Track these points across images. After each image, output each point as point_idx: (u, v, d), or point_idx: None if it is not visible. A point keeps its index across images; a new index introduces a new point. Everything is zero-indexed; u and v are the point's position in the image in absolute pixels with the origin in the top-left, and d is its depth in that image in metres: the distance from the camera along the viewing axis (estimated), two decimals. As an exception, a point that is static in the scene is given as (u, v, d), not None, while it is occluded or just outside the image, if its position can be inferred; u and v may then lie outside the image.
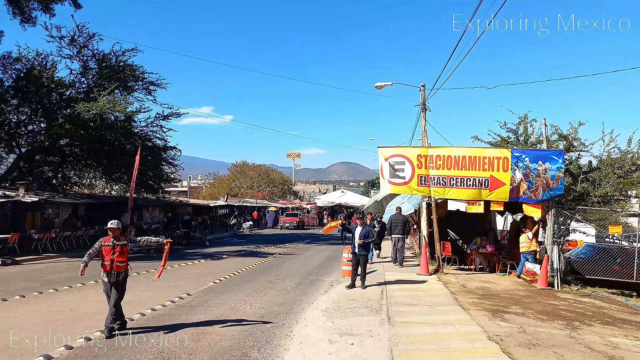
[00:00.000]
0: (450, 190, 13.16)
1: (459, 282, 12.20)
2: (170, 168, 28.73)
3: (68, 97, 22.40)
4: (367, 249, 11.25)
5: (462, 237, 17.85)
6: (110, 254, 6.92)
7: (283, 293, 10.85)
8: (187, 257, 18.11)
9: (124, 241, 7.14)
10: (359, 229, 11.15)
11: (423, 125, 14.70)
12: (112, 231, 7.03)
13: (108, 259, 6.93)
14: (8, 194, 17.82)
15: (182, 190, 75.69)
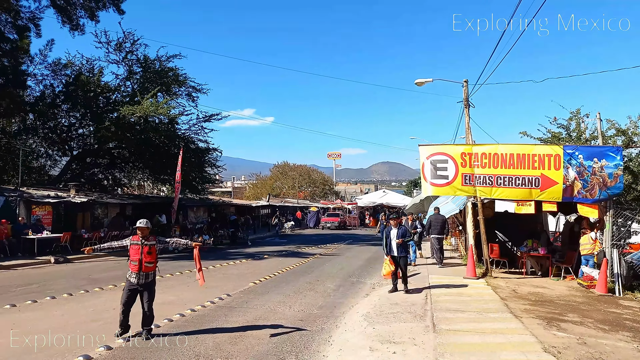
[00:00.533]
0: (497, 190, 12.52)
1: (509, 286, 11.55)
2: (212, 169, 29.26)
3: (114, 100, 23.19)
4: (406, 250, 10.83)
5: (512, 239, 17.02)
6: (138, 253, 6.72)
7: (323, 295, 10.61)
8: (229, 256, 18.24)
9: (152, 241, 6.90)
10: (394, 231, 10.68)
11: (466, 122, 14.07)
12: (141, 230, 6.82)
13: (136, 258, 6.72)
14: (60, 195, 18.56)
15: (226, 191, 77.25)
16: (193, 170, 27.14)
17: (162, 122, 24.24)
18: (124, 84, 24.26)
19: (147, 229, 6.89)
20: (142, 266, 6.74)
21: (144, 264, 6.74)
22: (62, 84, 22.85)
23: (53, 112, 22.27)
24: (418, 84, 17.28)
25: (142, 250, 6.75)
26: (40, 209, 17.88)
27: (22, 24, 23.08)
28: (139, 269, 6.72)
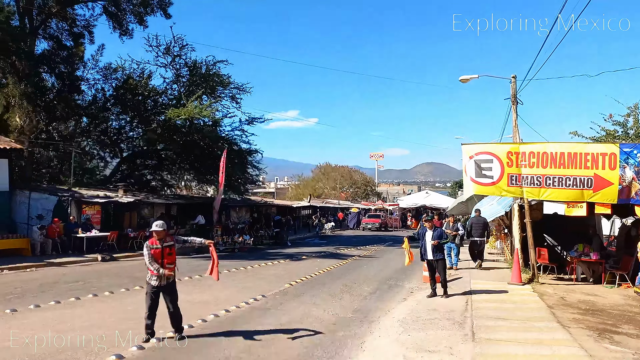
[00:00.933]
0: (546, 191, 11.83)
1: (556, 294, 10.89)
2: (254, 170, 29.62)
3: (161, 103, 23.89)
4: (442, 252, 10.39)
5: (561, 243, 16.09)
6: (160, 257, 6.63)
7: (359, 299, 10.39)
8: (268, 257, 18.33)
9: (170, 242, 6.82)
10: (429, 233, 10.26)
11: (514, 119, 13.42)
12: (157, 234, 6.69)
13: (158, 262, 6.64)
14: (109, 195, 19.30)
15: (269, 192, 78.27)
16: (235, 172, 27.54)
17: (206, 125, 24.76)
18: (170, 87, 25.01)
19: (164, 231, 6.78)
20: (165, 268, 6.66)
21: (166, 266, 6.65)
22: (112, 87, 23.85)
23: (104, 116, 23.26)
24: (463, 81, 16.71)
25: (162, 252, 6.66)
26: (90, 208, 18.65)
27: (78, 32, 24.29)
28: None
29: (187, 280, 12.29)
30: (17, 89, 19.72)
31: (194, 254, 18.64)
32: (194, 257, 17.78)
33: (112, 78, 23.64)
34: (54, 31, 23.76)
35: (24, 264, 14.25)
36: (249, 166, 28.69)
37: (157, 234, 6.71)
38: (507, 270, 14.56)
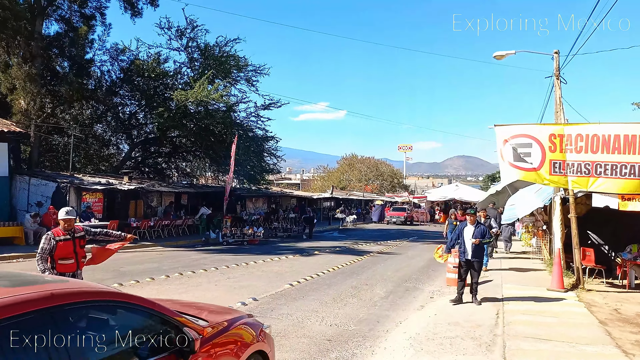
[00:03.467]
0: (596, 181, 9.90)
1: (608, 304, 8.99)
2: (272, 159, 28.24)
3: (170, 87, 22.70)
4: (482, 253, 8.78)
5: (609, 243, 14.00)
6: (71, 249, 5.56)
7: (367, 305, 8.79)
8: (277, 251, 16.91)
9: (81, 232, 5.78)
10: (469, 228, 8.78)
11: (558, 97, 11.43)
12: (68, 222, 5.58)
13: (70, 255, 5.57)
14: (111, 182, 18.24)
15: (295, 183, 77.22)
16: (251, 160, 26.24)
17: (219, 110, 23.50)
18: (180, 72, 23.74)
19: (73, 219, 5.70)
20: (80, 263, 5.70)
21: (81, 260, 5.70)
22: (120, 69, 22.79)
23: (111, 99, 22.23)
24: (497, 58, 14.73)
25: (75, 244, 5.61)
26: (91, 196, 17.66)
27: (89, 13, 23.31)
28: (77, 267, 5.66)
29: (177, 277, 10.96)
30: (21, 71, 18.83)
31: (199, 247, 17.45)
32: (198, 250, 16.53)
33: (120, 60, 22.58)
34: (64, 12, 22.89)
35: (12, 254, 13.29)
36: (266, 154, 27.32)
37: (67, 222, 5.57)
38: (545, 273, 12.68)
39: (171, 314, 3.21)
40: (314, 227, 23.07)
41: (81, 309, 2.75)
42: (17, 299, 2.38)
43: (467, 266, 8.83)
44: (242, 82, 25.90)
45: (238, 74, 25.06)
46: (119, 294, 3.03)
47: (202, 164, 30.11)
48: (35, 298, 2.45)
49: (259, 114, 25.73)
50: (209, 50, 24.11)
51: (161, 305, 3.22)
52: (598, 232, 14.09)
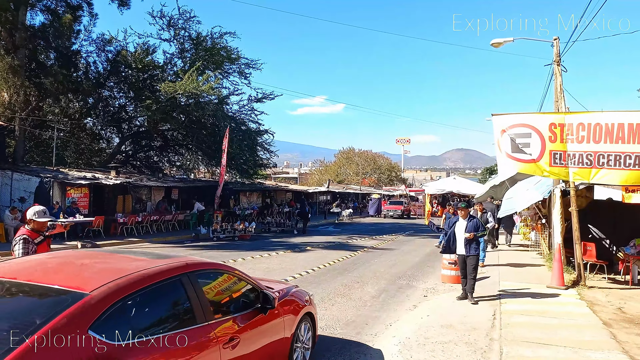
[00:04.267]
0: (598, 172, 9.39)
1: (611, 302, 8.51)
2: (265, 153, 27.68)
3: (159, 78, 22.05)
4: (477, 247, 8.33)
5: (610, 237, 13.52)
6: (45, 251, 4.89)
7: (357, 305, 8.28)
8: (269, 247, 16.40)
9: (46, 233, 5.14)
10: (461, 223, 8.39)
11: (559, 84, 10.89)
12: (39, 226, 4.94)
13: None
14: (97, 176, 17.69)
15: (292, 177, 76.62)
16: (244, 154, 25.69)
17: (210, 102, 22.91)
18: (171, 62, 23.02)
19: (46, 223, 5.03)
20: None
21: None
22: (106, 60, 22.06)
23: (98, 92, 21.57)
24: (495, 45, 14.16)
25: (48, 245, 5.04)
26: (76, 191, 17.10)
27: (76, 3, 22.60)
28: None
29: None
30: (2, 62, 18.19)
31: (188, 243, 16.93)
32: (186, 246, 16.02)
33: (106, 50, 21.86)
34: (50, 2, 22.18)
35: (-10, 251, 12.74)
36: (259, 148, 26.75)
37: (39, 225, 4.89)
38: (545, 269, 12.21)
39: (255, 282, 4.38)
40: (308, 222, 22.53)
41: (202, 274, 3.79)
42: (167, 267, 3.42)
43: (462, 262, 8.41)
44: (234, 75, 25.30)
45: (230, 66, 24.43)
46: (224, 265, 4.29)
47: (195, 157, 29.55)
48: (177, 266, 3.52)
49: (253, 106, 25.13)
50: (201, 41, 23.46)
51: (248, 275, 4.39)
52: (599, 226, 13.61)
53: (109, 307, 2.81)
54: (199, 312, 3.42)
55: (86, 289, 2.83)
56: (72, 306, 2.67)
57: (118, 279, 3.01)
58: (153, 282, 3.20)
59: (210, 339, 3.38)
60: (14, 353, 2.29)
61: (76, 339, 2.55)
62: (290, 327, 4.60)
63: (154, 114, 20.12)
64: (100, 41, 21.50)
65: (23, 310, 2.87)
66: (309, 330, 5.16)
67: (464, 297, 8.46)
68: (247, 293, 4.23)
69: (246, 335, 3.82)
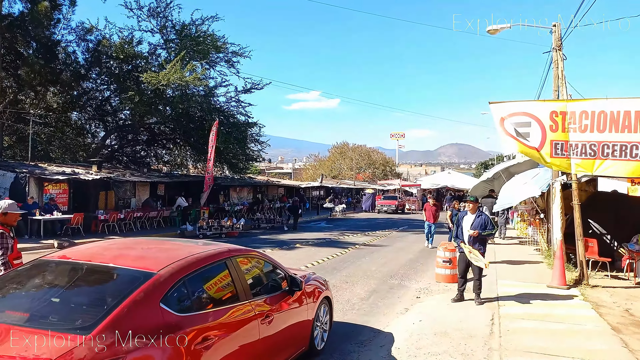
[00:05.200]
0: (602, 163, 8.80)
1: (616, 303, 7.91)
2: (256, 146, 26.92)
3: (144, 69, 21.21)
4: (483, 245, 7.70)
5: (611, 232, 12.93)
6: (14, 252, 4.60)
7: (344, 308, 7.64)
8: (256, 244, 15.70)
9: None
10: (469, 217, 7.76)
11: (560, 70, 10.23)
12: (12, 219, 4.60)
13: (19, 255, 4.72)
14: (76, 171, 16.92)
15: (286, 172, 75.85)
16: (234, 147, 24.93)
17: (196, 94, 22.13)
18: (154, 53, 22.11)
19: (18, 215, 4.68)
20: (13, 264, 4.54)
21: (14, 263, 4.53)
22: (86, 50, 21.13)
23: (79, 84, 20.69)
24: (491, 32, 13.51)
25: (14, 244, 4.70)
26: (54, 186, 16.32)
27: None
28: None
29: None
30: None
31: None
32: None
33: (87, 39, 20.92)
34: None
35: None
36: (249, 141, 25.98)
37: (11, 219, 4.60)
38: (544, 266, 11.62)
39: (283, 267, 4.93)
40: (299, 218, 21.84)
41: (241, 258, 4.27)
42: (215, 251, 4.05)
43: (463, 262, 7.79)
44: (221, 64, 24.46)
45: (217, 54, 23.59)
46: (255, 252, 4.73)
47: (184, 152, 28.77)
48: (223, 250, 4.12)
49: (240, 98, 24.34)
50: (185, 29, 22.58)
51: (276, 260, 4.99)
52: (599, 221, 13.02)
53: (174, 284, 3.29)
54: (241, 290, 3.93)
55: (154, 269, 3.33)
56: (145, 283, 3.16)
57: (178, 261, 3.52)
58: (206, 264, 3.75)
59: (251, 315, 3.88)
60: (105, 320, 2.80)
61: (151, 309, 3.05)
62: (312, 309, 5.09)
63: (136, 106, 19.31)
64: (80, 30, 20.57)
65: (107, 286, 3.45)
66: (327, 312, 5.67)
67: (459, 299, 7.85)
68: (275, 277, 4.70)
69: (278, 314, 4.30)
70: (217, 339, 3.35)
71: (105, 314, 2.84)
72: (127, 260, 3.54)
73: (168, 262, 3.43)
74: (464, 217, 7.84)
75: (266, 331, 4.00)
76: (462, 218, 7.87)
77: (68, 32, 20.39)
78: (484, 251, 7.71)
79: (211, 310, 3.50)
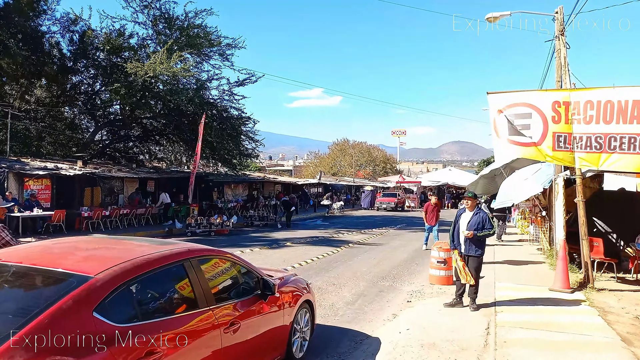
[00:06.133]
0: (609, 157, 8.12)
1: (626, 309, 7.26)
2: (250, 142, 26.25)
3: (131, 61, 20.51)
4: (480, 247, 7.01)
5: (617, 231, 12.26)
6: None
7: (326, 314, 7.01)
8: (245, 242, 15.09)
9: None
10: (466, 215, 7.11)
11: (563, 57, 9.54)
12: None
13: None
14: (60, 167, 16.31)
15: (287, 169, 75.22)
16: (227, 143, 24.28)
17: (187, 88, 21.47)
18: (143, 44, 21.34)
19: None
20: None
21: None
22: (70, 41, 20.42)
23: (67, 77, 20.00)
24: (491, 20, 12.84)
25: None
26: (36, 182, 15.71)
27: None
28: None
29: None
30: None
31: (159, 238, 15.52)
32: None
33: (72, 30, 20.20)
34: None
35: None
36: (244, 137, 25.32)
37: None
38: (545, 267, 10.96)
39: (255, 269, 4.51)
40: (292, 215, 21.16)
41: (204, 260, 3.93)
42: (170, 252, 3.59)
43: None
44: (215, 57, 23.76)
45: (210, 49, 22.90)
46: (225, 252, 4.32)
47: (178, 148, 28.12)
48: (180, 251, 3.68)
49: (233, 91, 23.65)
50: (177, 21, 21.86)
51: (248, 262, 4.52)
52: (604, 219, 12.35)
53: (113, 290, 2.91)
54: (201, 296, 3.53)
55: (91, 272, 2.94)
56: (77, 288, 2.79)
57: (122, 263, 3.11)
58: (156, 266, 3.30)
59: (212, 324, 3.50)
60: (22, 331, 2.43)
61: (81, 320, 2.69)
62: (289, 315, 4.69)
63: (123, 98, 18.63)
64: (65, 21, 19.82)
65: (30, 292, 3.07)
66: (308, 318, 5.26)
67: (454, 304, 7.20)
68: (247, 280, 4.34)
69: (247, 321, 3.93)
70: (166, 352, 2.97)
71: (21, 325, 2.47)
72: (67, 262, 3.17)
73: (110, 265, 3.05)
74: (461, 215, 7.19)
75: (231, 340, 3.65)
76: (460, 216, 7.23)
77: (52, 22, 19.71)
78: (482, 253, 7.05)
79: (160, 320, 3.11)
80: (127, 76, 19.34)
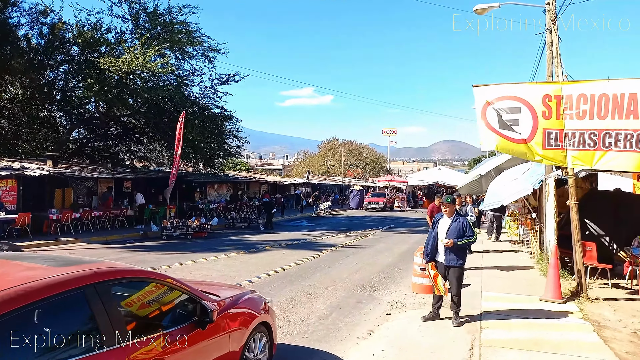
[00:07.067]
0: (604, 156, 7.53)
1: (622, 322, 6.64)
2: (234, 141, 25.44)
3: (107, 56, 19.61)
4: (461, 256, 6.37)
5: (610, 234, 11.68)
6: None
7: (295, 330, 6.30)
8: (222, 246, 14.34)
9: None
10: (445, 221, 6.46)
11: (555, 47, 8.91)
12: None
13: None
14: (26, 167, 15.43)
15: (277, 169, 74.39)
16: (210, 142, 23.49)
17: (167, 84, 20.64)
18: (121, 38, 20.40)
19: None
20: None
21: None
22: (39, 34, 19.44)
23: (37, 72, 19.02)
24: (478, 12, 12.29)
25: None
26: (0, 183, 14.81)
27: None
28: None
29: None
30: None
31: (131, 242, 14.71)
32: (125, 247, 13.84)
33: (41, 22, 19.22)
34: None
35: None
36: (227, 135, 24.52)
37: None
38: (536, 272, 10.36)
39: (191, 290, 3.77)
40: (272, 217, 20.38)
41: (119, 284, 3.23)
42: (67, 277, 2.82)
43: (442, 272, 6.45)
44: (198, 57, 22.96)
45: (193, 47, 22.08)
46: (148, 272, 3.65)
47: (160, 147, 27.22)
48: (81, 275, 2.90)
49: (216, 88, 22.85)
50: (159, 16, 20.99)
51: (183, 282, 3.81)
52: (596, 221, 11.77)
53: None
54: (108, 331, 2.88)
55: None
56: None
57: None
58: (44, 296, 2.63)
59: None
60: None
61: None
62: (238, 341, 4.10)
63: (97, 95, 17.75)
64: (33, 12, 18.81)
65: None
66: (265, 343, 4.63)
67: (431, 318, 6.54)
68: (181, 305, 3.71)
69: (178, 355, 3.33)
70: None
71: None
72: None
73: None
74: (439, 222, 6.52)
75: None
76: (437, 222, 6.56)
77: (20, 14, 18.69)
78: (463, 263, 6.39)
79: None
80: (102, 72, 18.46)
